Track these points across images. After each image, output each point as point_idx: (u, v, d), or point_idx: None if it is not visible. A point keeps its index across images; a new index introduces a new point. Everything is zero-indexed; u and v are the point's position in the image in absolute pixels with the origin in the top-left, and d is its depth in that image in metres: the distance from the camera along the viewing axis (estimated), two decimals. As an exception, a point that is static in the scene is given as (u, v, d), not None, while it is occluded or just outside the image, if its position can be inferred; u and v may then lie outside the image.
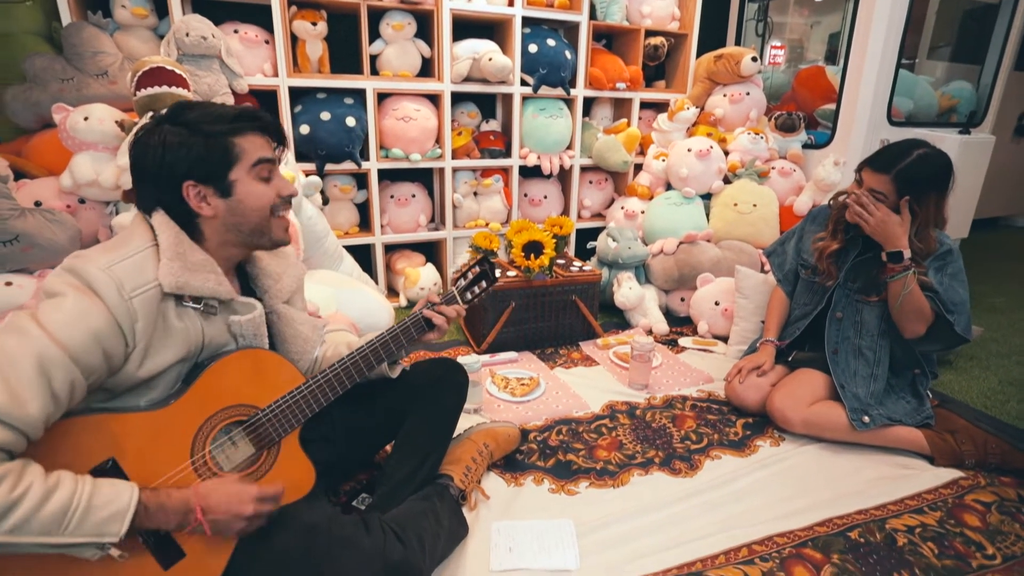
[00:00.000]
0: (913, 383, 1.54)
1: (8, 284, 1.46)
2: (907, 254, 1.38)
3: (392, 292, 2.61)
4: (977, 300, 2.68)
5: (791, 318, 1.72)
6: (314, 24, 2.17)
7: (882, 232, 1.40)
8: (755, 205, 2.42)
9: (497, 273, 1.17)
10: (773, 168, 2.54)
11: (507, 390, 1.75)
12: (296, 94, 2.26)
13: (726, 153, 2.59)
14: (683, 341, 2.18)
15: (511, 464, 1.40)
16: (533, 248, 2.08)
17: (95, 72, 1.79)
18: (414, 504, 1.07)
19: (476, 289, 1.14)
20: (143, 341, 0.79)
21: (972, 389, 1.83)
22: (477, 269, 1.15)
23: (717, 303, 2.20)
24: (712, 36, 3.07)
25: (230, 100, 1.97)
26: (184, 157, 0.83)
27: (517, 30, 2.45)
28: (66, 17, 1.83)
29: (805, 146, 2.63)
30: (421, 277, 2.48)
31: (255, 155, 0.88)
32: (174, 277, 0.80)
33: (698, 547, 1.13)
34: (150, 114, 1.48)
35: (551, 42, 2.50)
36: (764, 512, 1.24)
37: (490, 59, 2.36)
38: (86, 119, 1.63)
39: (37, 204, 1.61)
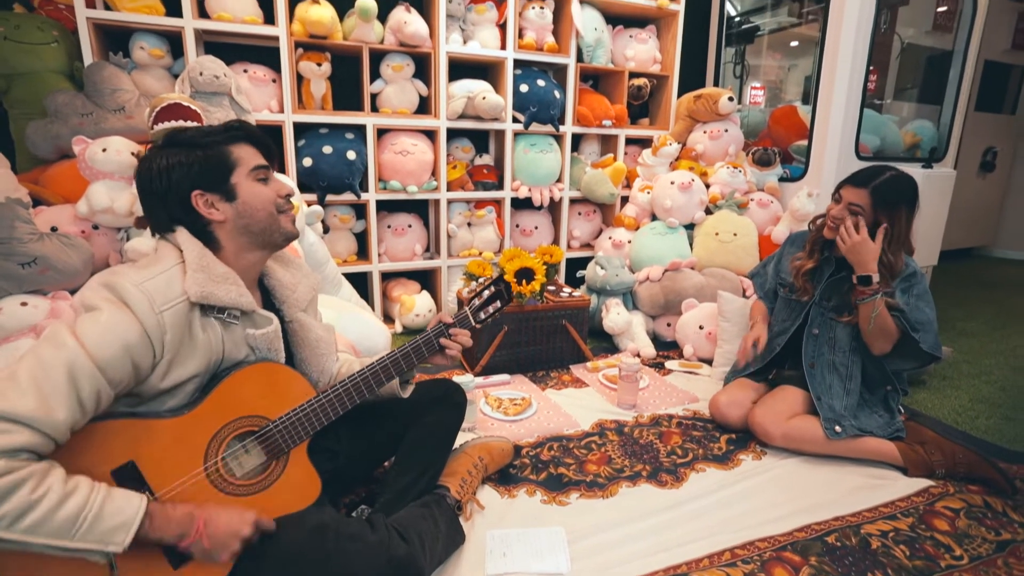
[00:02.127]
0: (885, 399, 1.62)
1: (24, 304, 1.52)
2: (876, 278, 1.49)
3: (388, 319, 2.68)
4: (951, 325, 2.80)
5: (772, 333, 1.80)
6: (319, 65, 2.32)
7: (855, 254, 1.51)
8: (735, 234, 2.55)
9: (510, 294, 1.16)
10: (752, 200, 2.68)
11: (500, 410, 1.81)
12: (300, 129, 2.39)
13: (707, 186, 2.74)
14: (670, 364, 2.26)
15: (505, 477, 1.45)
16: (525, 274, 2.17)
17: (113, 108, 1.91)
18: (414, 510, 1.12)
19: (490, 309, 1.15)
20: (170, 353, 0.84)
21: (945, 406, 1.92)
22: (492, 289, 1.15)
23: (701, 327, 2.30)
24: (692, 77, 3.28)
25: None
26: (188, 171, 0.91)
27: (509, 71, 2.61)
28: (88, 57, 1.96)
29: (781, 179, 2.78)
30: (416, 304, 2.56)
31: (251, 162, 0.96)
32: (199, 287, 0.86)
33: (683, 552, 1.18)
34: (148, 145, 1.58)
35: (541, 82, 2.67)
36: (746, 519, 1.30)
37: (484, 98, 2.51)
38: (104, 150, 1.73)
39: (54, 229, 1.69)
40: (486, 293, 1.16)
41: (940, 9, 3.51)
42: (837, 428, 1.51)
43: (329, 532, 0.94)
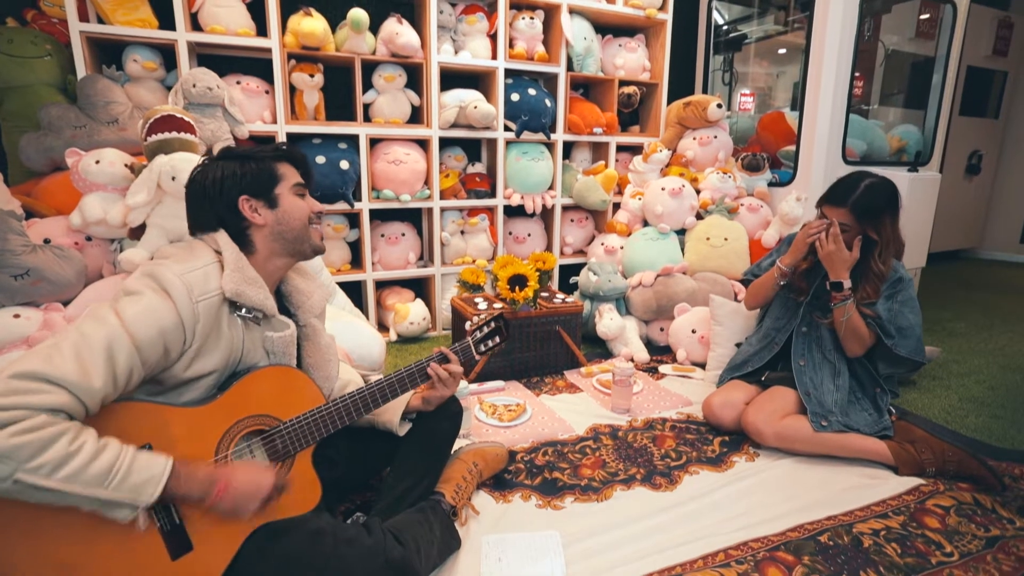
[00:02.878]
0: (875, 399, 1.64)
1: (16, 316, 1.52)
2: (847, 285, 1.56)
3: (382, 327, 2.69)
4: (940, 326, 2.84)
5: (769, 334, 1.82)
6: (311, 76, 2.34)
7: (829, 262, 1.57)
8: (726, 239, 2.58)
9: (508, 330, 1.26)
10: (742, 204, 2.72)
11: (495, 416, 1.82)
12: (293, 139, 2.41)
13: (697, 191, 2.77)
14: (663, 368, 2.28)
15: (499, 483, 1.46)
16: (518, 281, 2.19)
17: (107, 120, 1.92)
18: (410, 515, 1.13)
19: (490, 343, 1.24)
20: (199, 342, 0.90)
21: (935, 406, 1.94)
22: (493, 325, 1.25)
23: (694, 331, 2.32)
24: (681, 85, 3.33)
25: (232, 145, 2.10)
26: (240, 178, 1.01)
27: (500, 81, 2.64)
28: (81, 70, 1.97)
29: (770, 184, 2.82)
30: (411, 312, 2.57)
31: (293, 179, 1.07)
32: (235, 285, 0.94)
33: (678, 553, 1.19)
34: (165, 155, 1.59)
35: (532, 91, 2.70)
36: (740, 520, 1.31)
37: (475, 107, 2.53)
38: (97, 162, 1.73)
39: (46, 241, 1.69)
40: (486, 328, 1.25)
41: (923, 17, 3.58)
42: (823, 422, 1.53)
43: (327, 537, 0.95)
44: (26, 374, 0.73)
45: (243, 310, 0.97)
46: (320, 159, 2.35)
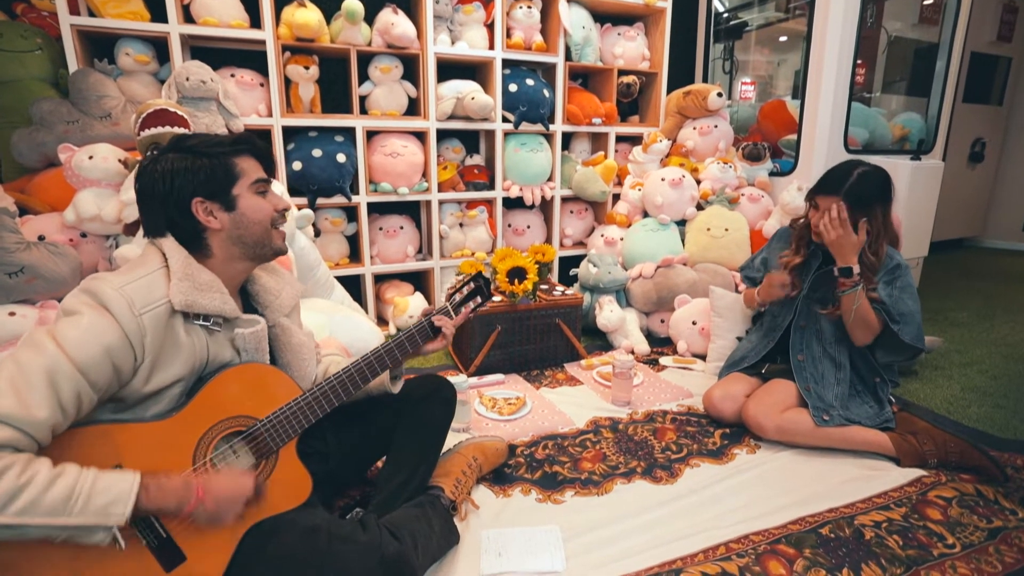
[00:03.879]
0: (875, 390, 1.63)
1: (11, 314, 1.51)
2: (856, 270, 1.52)
3: (381, 321, 2.68)
4: (942, 315, 2.82)
5: (765, 330, 1.81)
6: (307, 68, 2.31)
7: (838, 247, 1.54)
8: (727, 229, 2.56)
9: (491, 288, 1.21)
10: (742, 195, 2.69)
11: (495, 410, 1.81)
12: (289, 133, 2.38)
13: (698, 182, 2.74)
14: (664, 360, 2.27)
15: (499, 477, 1.45)
16: (517, 274, 2.17)
17: (99, 115, 1.90)
18: (407, 510, 1.12)
19: (471, 304, 1.20)
20: (151, 355, 0.84)
21: (936, 396, 1.93)
22: (472, 285, 1.20)
23: (695, 323, 2.30)
24: (681, 74, 3.29)
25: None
26: (192, 177, 0.92)
27: (498, 71, 2.61)
28: (73, 64, 1.94)
29: (771, 174, 2.79)
30: (410, 306, 2.56)
31: (253, 175, 0.98)
32: (183, 296, 0.87)
33: (678, 547, 1.19)
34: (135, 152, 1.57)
35: (530, 82, 2.67)
36: (741, 513, 1.30)
37: (473, 98, 2.51)
38: (91, 158, 1.72)
39: (41, 238, 1.68)
40: (465, 289, 1.20)
41: (926, 2, 3.53)
42: (825, 416, 1.52)
43: (321, 534, 0.94)
44: None
45: (200, 319, 0.91)
46: (317, 152, 2.32)
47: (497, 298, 2.21)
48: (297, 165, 2.31)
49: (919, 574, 1.12)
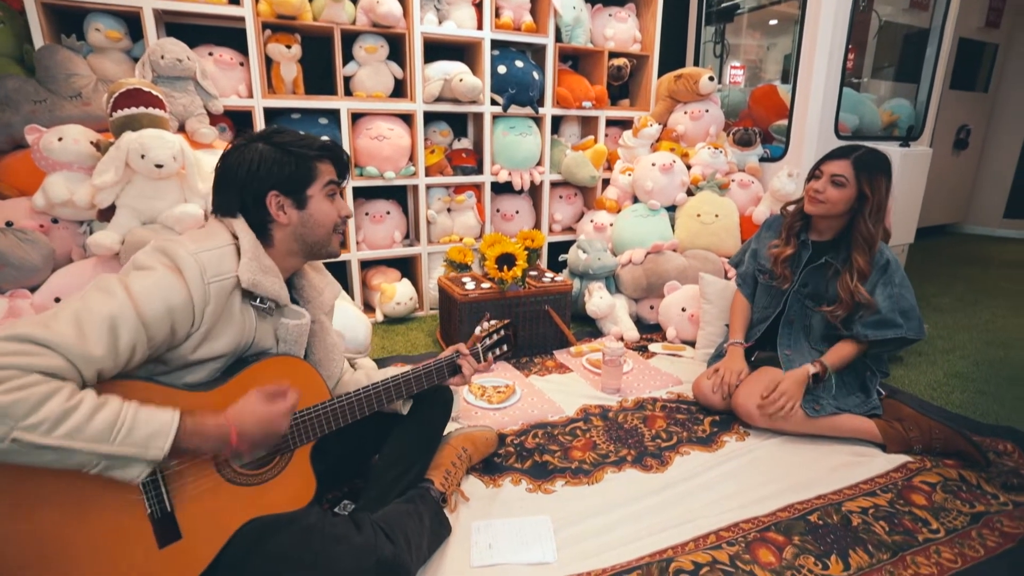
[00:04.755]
0: (863, 381, 1.64)
1: (-21, 304, 1.45)
2: (812, 369, 1.56)
3: (368, 307, 2.64)
4: (925, 301, 2.86)
5: (753, 321, 1.82)
6: (288, 47, 2.23)
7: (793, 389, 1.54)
8: (717, 215, 2.55)
9: (517, 339, 1.33)
10: (733, 180, 2.68)
11: (484, 398, 1.80)
12: (271, 115, 2.31)
13: (688, 167, 2.72)
14: (653, 347, 2.26)
15: (489, 467, 1.44)
16: (506, 260, 2.15)
17: (68, 94, 1.81)
18: (399, 506, 1.11)
19: (497, 351, 1.30)
20: (208, 324, 0.88)
21: (920, 382, 1.96)
22: (502, 333, 1.28)
23: (684, 309, 2.30)
24: (672, 57, 3.24)
25: (205, 120, 2.00)
26: (275, 171, 0.97)
27: (486, 52, 2.55)
28: (38, 40, 1.85)
29: (762, 159, 2.78)
30: (397, 292, 2.52)
31: (327, 176, 1.03)
32: (251, 274, 0.92)
33: (669, 536, 1.19)
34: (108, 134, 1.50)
35: (519, 63, 2.61)
36: (730, 501, 1.30)
37: (461, 80, 2.44)
38: (60, 140, 1.64)
39: (9, 224, 1.60)
40: (495, 335, 1.29)
41: (917, -14, 3.50)
42: (816, 407, 1.53)
43: (315, 534, 0.92)
44: (19, 337, 0.70)
45: (257, 300, 0.95)
46: (299, 135, 2.25)
47: (486, 285, 2.18)
48: (279, 148, 2.24)
49: (905, 559, 1.13)
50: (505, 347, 1.29)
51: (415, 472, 1.22)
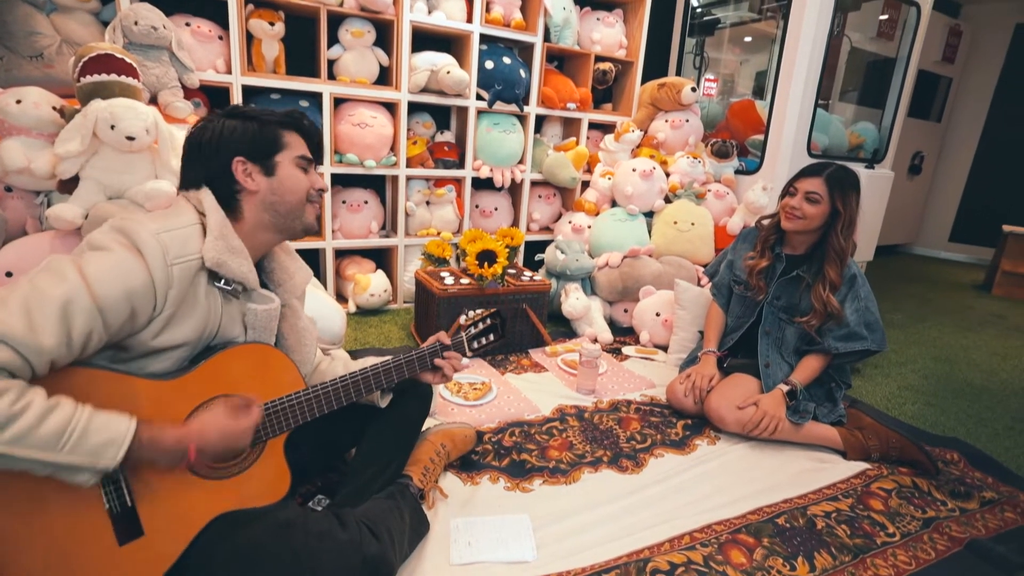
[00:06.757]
0: (830, 391, 1.71)
1: (-78, 275, 1.34)
2: (785, 388, 1.62)
3: (341, 298, 2.58)
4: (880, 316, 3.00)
5: (727, 329, 1.87)
6: (272, 24, 2.15)
7: (775, 409, 1.59)
8: (693, 224, 2.61)
9: (504, 329, 1.23)
10: (709, 190, 2.75)
11: (460, 394, 1.78)
12: (249, 93, 2.22)
13: (667, 175, 2.77)
14: (626, 350, 2.30)
15: (467, 464, 1.43)
16: (487, 257, 2.13)
17: (29, 54, 1.69)
18: (380, 502, 1.08)
19: (484, 340, 1.20)
20: (171, 308, 0.83)
21: (876, 393, 2.06)
22: (489, 321, 1.20)
23: (658, 314, 2.34)
24: (655, 66, 3.29)
25: (180, 94, 1.91)
26: (239, 137, 0.94)
27: (475, 46, 2.52)
28: (-3, -6, 1.71)
29: (737, 172, 2.86)
30: (371, 283, 2.47)
31: (298, 150, 0.99)
32: (217, 254, 0.87)
33: (645, 536, 1.21)
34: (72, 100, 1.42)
35: (507, 60, 2.59)
36: (703, 503, 1.34)
37: (448, 72, 2.41)
38: (19, 102, 1.53)
39: (-43, 190, 1.49)
40: (481, 324, 1.21)
41: (883, 17, 3.68)
42: (801, 415, 1.59)
43: (295, 530, 0.89)
44: None
45: (222, 281, 0.90)
46: (278, 116, 2.17)
47: (465, 281, 2.16)
48: (256, 128, 2.16)
49: (865, 561, 1.19)
50: (492, 337, 1.21)
51: (394, 468, 1.19)
